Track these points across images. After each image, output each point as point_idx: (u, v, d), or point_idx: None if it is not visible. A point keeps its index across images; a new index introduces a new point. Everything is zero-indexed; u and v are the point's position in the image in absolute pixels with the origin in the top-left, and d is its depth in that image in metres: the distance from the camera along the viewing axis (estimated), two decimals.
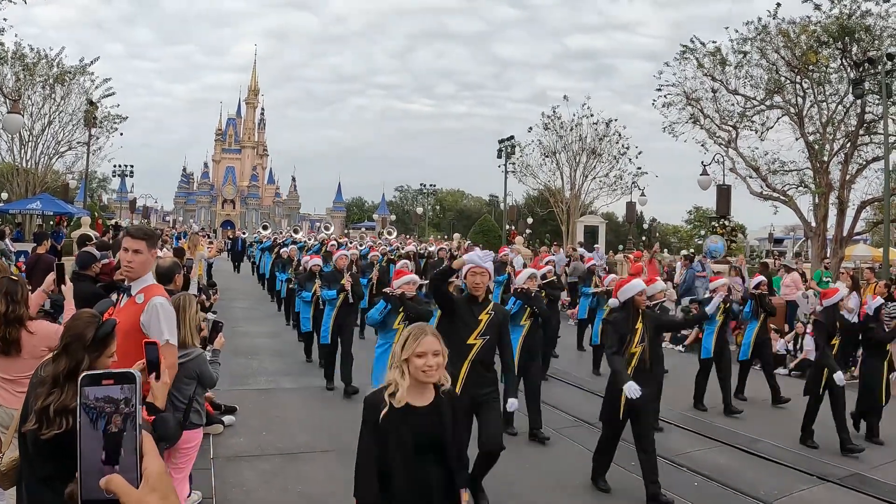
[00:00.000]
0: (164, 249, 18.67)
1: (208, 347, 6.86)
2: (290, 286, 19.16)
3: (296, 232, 34.99)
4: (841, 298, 10.99)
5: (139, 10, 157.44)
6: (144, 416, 3.45)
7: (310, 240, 29.62)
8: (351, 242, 29.31)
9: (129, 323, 4.90)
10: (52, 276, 6.30)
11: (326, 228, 36.03)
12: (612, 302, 10.32)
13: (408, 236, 51.57)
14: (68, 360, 3.94)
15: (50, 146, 40.47)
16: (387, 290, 10.09)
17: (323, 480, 8.25)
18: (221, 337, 7.01)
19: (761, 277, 14.49)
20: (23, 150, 39.80)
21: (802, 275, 21.69)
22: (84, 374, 1.54)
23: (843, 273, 17.58)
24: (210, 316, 8.94)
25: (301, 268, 17.16)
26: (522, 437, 10.30)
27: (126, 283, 5.34)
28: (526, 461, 9.25)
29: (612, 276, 17.23)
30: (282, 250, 22.78)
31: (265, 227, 40.92)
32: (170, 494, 1.56)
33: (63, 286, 6.19)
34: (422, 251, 26.89)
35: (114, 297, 5.76)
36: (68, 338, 4.02)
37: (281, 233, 43.91)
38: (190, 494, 7.06)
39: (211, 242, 25.69)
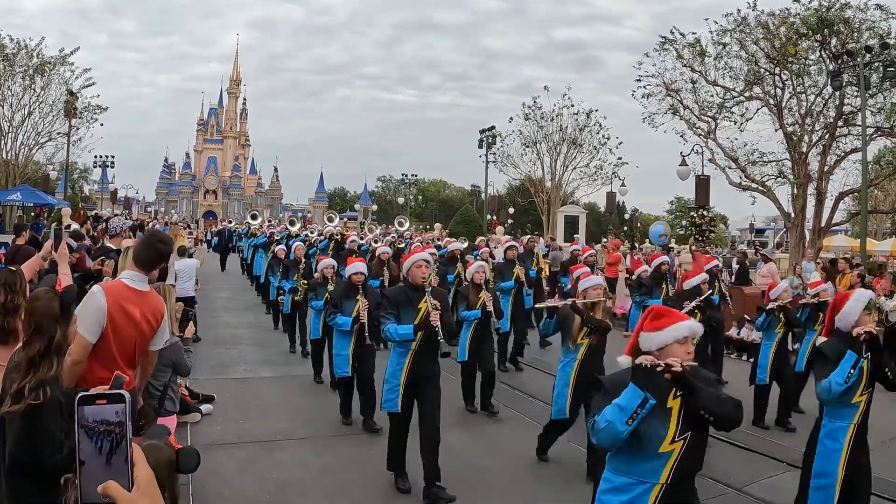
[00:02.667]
0: (139, 236, 18.77)
1: (179, 335, 6.92)
2: (297, 298, 14.95)
3: (291, 223, 28.65)
4: None
5: (125, 1, 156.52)
6: (172, 444, 3.55)
7: (311, 233, 25.08)
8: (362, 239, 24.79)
9: None
10: (49, 242, 6.40)
11: (330, 220, 28.99)
12: None
13: (426, 230, 41.33)
14: (42, 340, 4.03)
15: (30, 137, 40.26)
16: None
17: (299, 467, 8.36)
18: (192, 325, 7.09)
19: (824, 285, 12.12)
20: (2, 141, 39.59)
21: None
22: (80, 395, 1.70)
23: (818, 264, 17.74)
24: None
25: (317, 274, 12.91)
26: None
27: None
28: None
29: (825, 286, 12.13)
30: (277, 248, 17.64)
31: (254, 217, 33.61)
32: (157, 498, 1.74)
33: (58, 249, 6.28)
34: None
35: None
36: (38, 317, 4.11)
37: (270, 221, 40.51)
38: None
39: (191, 233, 25.68)
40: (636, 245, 36.86)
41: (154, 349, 5.44)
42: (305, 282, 14.54)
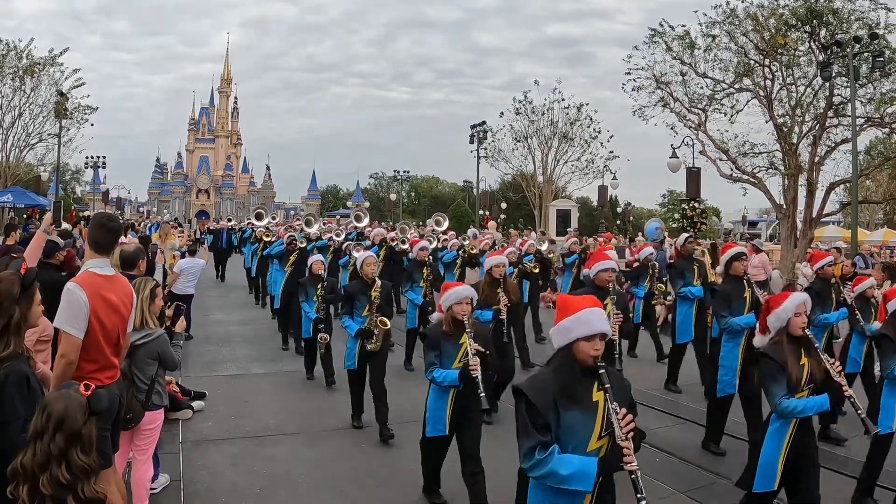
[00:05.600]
0: (129, 235, 18.73)
1: (171, 329, 6.92)
2: (370, 347, 9.55)
3: (308, 224, 21.63)
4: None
5: (118, 1, 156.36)
6: (81, 391, 3.57)
7: (336, 236, 19.93)
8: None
9: None
10: (49, 215, 6.48)
11: (358, 219, 22.58)
12: None
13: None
14: (1, 319, 4.10)
15: (20, 138, 40.25)
16: None
17: (290, 461, 8.36)
18: (182, 321, 7.07)
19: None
20: None
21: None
22: None
23: (808, 253, 17.75)
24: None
25: (440, 315, 7.15)
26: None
27: None
28: None
29: None
30: (313, 261, 12.64)
31: (259, 216, 24.91)
32: None
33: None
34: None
35: None
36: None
37: (274, 219, 34.27)
38: (157, 477, 7.13)
39: (182, 233, 25.57)
40: (633, 238, 36.95)
41: (127, 332, 5.46)
42: (384, 320, 9.71)
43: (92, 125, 41.70)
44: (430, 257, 14.38)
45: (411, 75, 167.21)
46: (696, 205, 29.21)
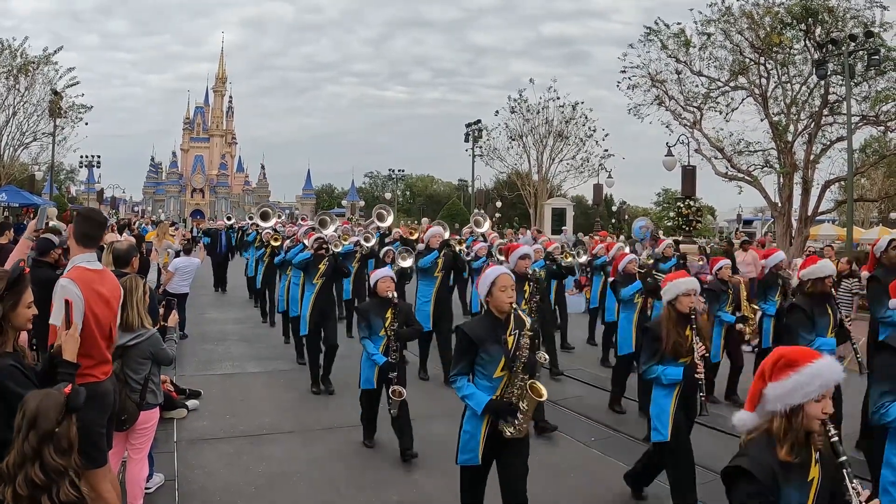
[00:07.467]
0: (125, 233, 18.66)
1: (163, 324, 6.87)
2: (510, 431, 5.35)
3: (322, 224, 14.08)
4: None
5: (116, 1, 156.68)
6: (65, 392, 3.52)
7: (365, 240, 14.70)
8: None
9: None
10: (33, 222, 6.45)
11: (381, 218, 16.65)
12: None
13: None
14: None
15: (14, 137, 40.16)
16: None
17: (285, 460, 8.29)
18: (175, 314, 7.02)
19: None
20: None
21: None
22: None
23: (806, 251, 17.77)
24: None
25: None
26: None
27: None
28: None
29: None
30: (377, 277, 8.73)
31: (265, 215, 18.63)
32: None
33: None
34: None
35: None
36: None
37: (282, 215, 28.93)
38: (152, 476, 7.08)
39: (177, 230, 25.40)
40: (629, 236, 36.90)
41: (116, 325, 5.44)
42: (538, 386, 5.44)
43: (86, 124, 41.71)
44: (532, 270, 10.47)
45: (408, 74, 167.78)
46: (692, 203, 29.20)
